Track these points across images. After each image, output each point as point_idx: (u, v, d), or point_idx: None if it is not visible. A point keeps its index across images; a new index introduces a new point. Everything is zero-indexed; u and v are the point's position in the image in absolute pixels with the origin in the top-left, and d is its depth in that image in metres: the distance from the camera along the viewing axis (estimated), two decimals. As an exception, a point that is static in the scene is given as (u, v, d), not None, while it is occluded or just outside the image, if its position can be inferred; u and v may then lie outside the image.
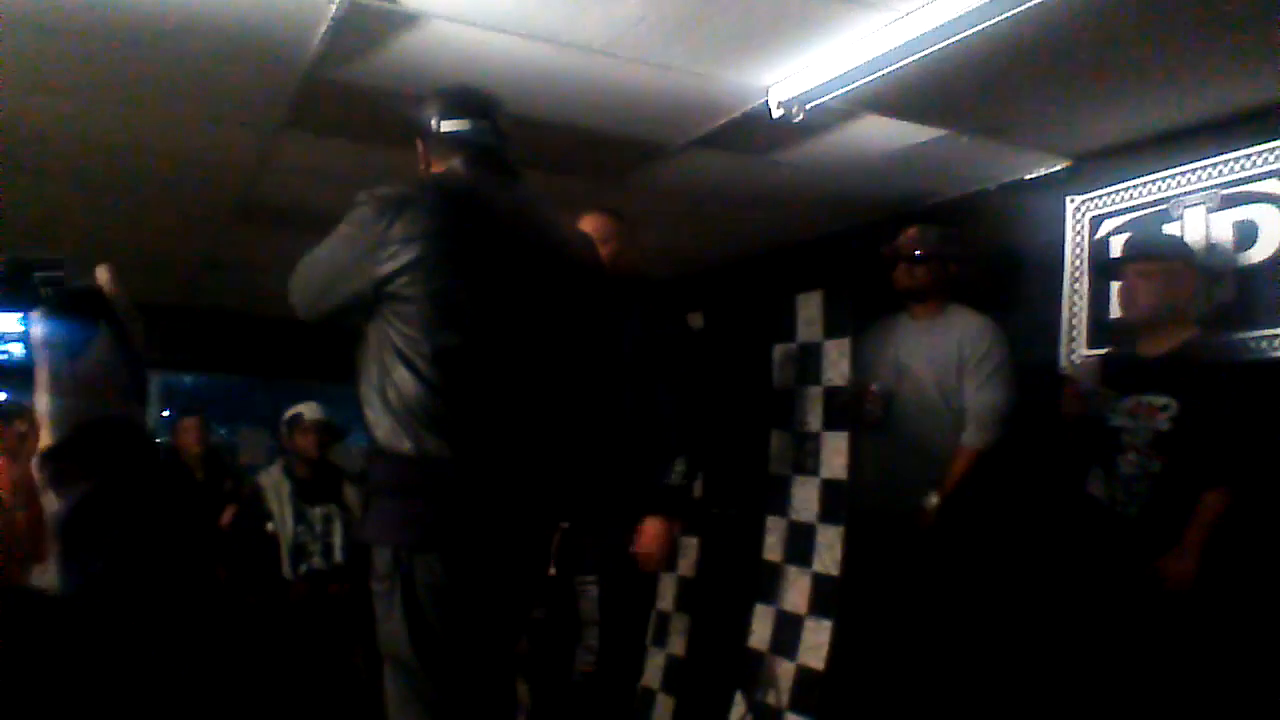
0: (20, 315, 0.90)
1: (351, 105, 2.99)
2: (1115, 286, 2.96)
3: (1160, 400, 2.60)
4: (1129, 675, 2.55)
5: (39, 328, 0.89)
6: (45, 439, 0.89)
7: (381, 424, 1.95)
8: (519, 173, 2.21)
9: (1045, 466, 3.04)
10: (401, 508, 1.96)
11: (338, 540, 4.13)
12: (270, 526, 4.09)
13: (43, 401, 0.89)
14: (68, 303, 0.91)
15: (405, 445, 1.92)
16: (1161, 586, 2.51)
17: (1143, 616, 2.54)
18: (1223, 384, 2.55)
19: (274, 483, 4.15)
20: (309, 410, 4.30)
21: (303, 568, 4.05)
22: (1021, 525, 3.09)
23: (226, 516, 4.35)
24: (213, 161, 3.52)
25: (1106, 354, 2.89)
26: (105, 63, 2.72)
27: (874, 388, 3.31)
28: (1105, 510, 2.68)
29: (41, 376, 0.89)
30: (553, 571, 2.77)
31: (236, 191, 3.86)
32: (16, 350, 0.91)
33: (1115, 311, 3.08)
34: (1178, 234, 2.91)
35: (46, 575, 0.94)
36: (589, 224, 2.94)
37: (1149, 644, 2.53)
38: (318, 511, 4.14)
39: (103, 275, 0.91)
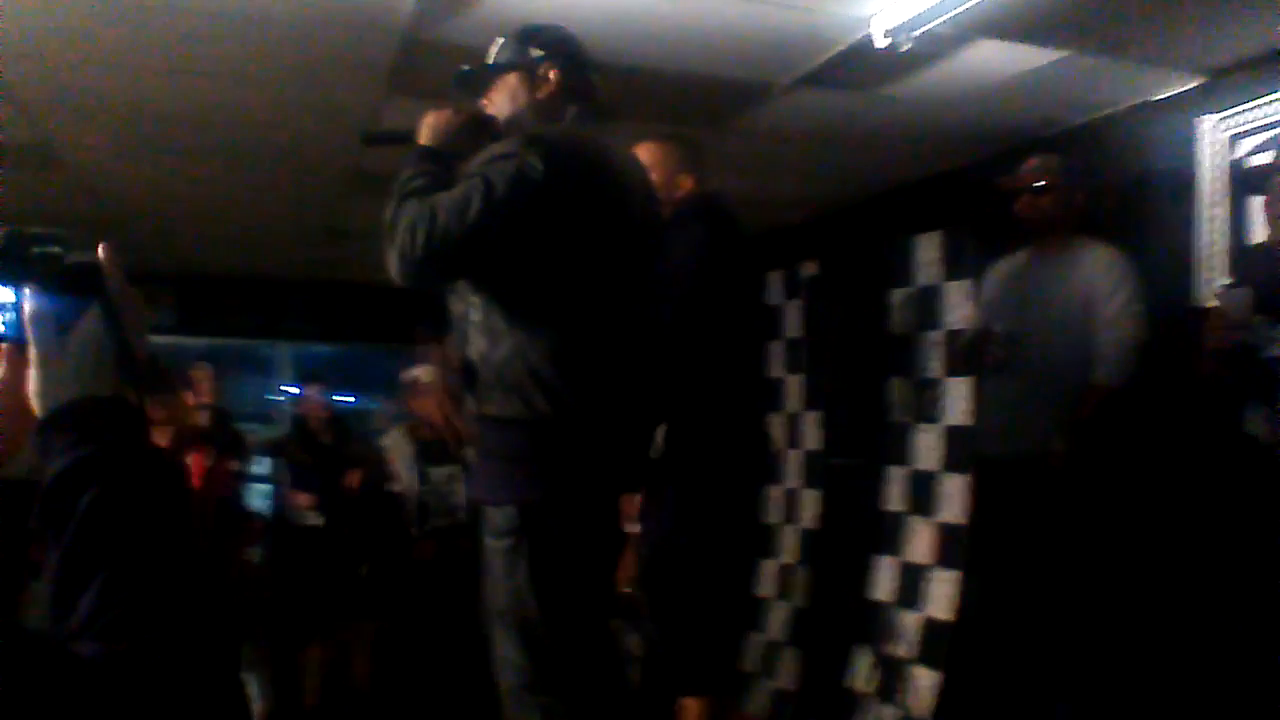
0: (14, 288, 0.92)
1: (449, 66, 2.99)
2: (1259, 203, 2.75)
3: None
4: None
5: (31, 301, 0.91)
6: (35, 414, 0.91)
7: (495, 388, 1.97)
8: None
9: (1188, 404, 2.84)
10: (523, 468, 1.98)
11: (459, 500, 4.22)
12: (395, 487, 4.21)
13: (32, 377, 0.90)
14: (62, 277, 0.92)
15: (517, 408, 1.95)
16: None
17: None
18: None
19: (397, 445, 4.26)
20: (426, 374, 4.39)
21: (427, 526, 4.16)
22: (1162, 467, 2.91)
23: (354, 479, 4.49)
24: (324, 132, 3.58)
25: (1260, 280, 2.58)
26: (207, 39, 2.79)
27: (998, 330, 3.16)
28: (1266, 451, 2.45)
29: (31, 352, 0.90)
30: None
31: (350, 160, 3.93)
32: (6, 322, 0.93)
33: (1259, 235, 2.87)
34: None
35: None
36: (644, 153, 2.75)
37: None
38: (440, 471, 4.24)
39: (103, 252, 0.92)
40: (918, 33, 2.60)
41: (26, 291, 0.89)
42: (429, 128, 2.07)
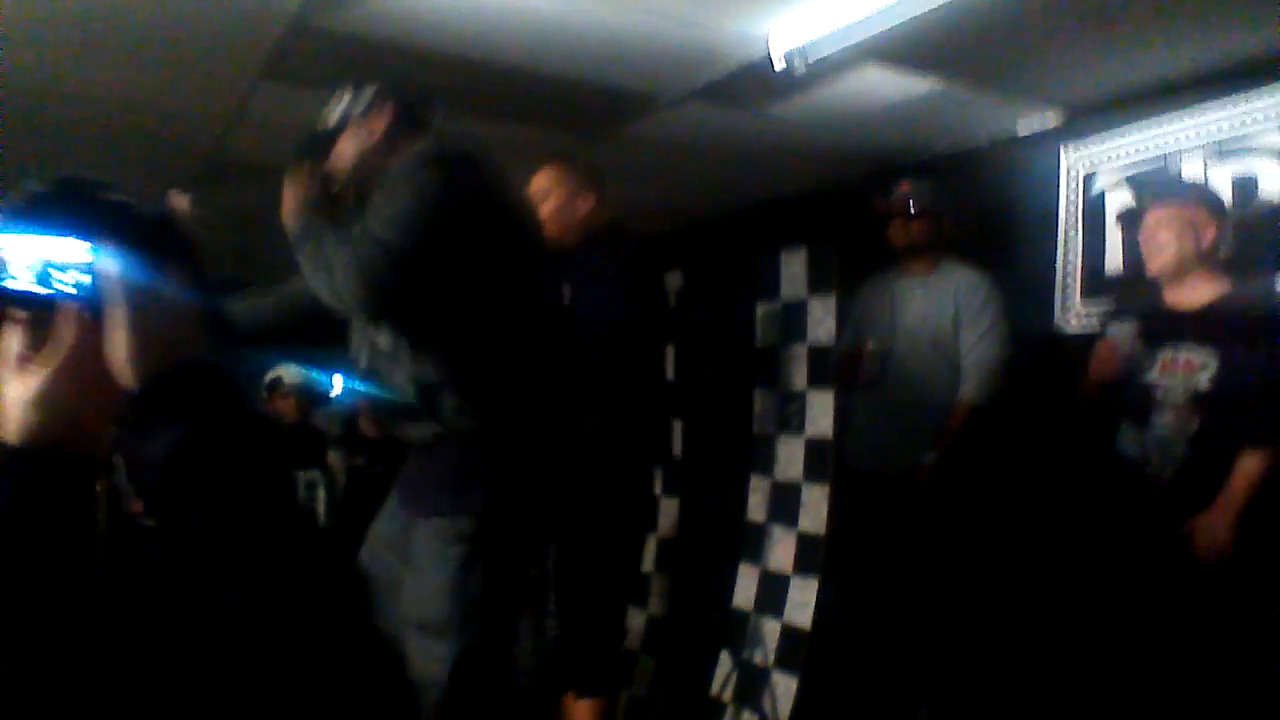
0: (88, 242, 0.78)
1: (332, 54, 2.87)
2: (1116, 239, 2.94)
3: (1200, 357, 2.51)
4: (1149, 644, 2.48)
5: (109, 258, 0.78)
6: (123, 384, 0.79)
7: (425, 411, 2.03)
8: None
9: (1056, 422, 2.99)
10: (471, 481, 2.03)
11: (321, 506, 4.05)
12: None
13: (119, 342, 0.79)
14: (138, 228, 0.79)
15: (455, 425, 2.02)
16: (1194, 552, 2.42)
17: (1173, 583, 2.47)
18: (1265, 339, 2.42)
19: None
20: (288, 374, 4.20)
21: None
22: (1026, 484, 3.07)
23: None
24: (183, 114, 3.37)
25: (1139, 310, 2.73)
26: (74, 10, 2.58)
27: (870, 346, 3.27)
28: (1137, 471, 2.59)
29: (116, 314, 0.78)
30: None
31: (208, 148, 3.71)
32: (84, 282, 0.79)
33: (1114, 262, 3.07)
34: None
35: None
36: (544, 176, 3.04)
37: (1177, 612, 2.45)
38: (300, 476, 4.05)
39: (179, 201, 0.81)
40: (814, 59, 2.65)
41: (103, 245, 0.76)
42: (289, 214, 2.10)
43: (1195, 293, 2.59)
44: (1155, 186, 2.86)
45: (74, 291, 0.78)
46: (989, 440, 3.08)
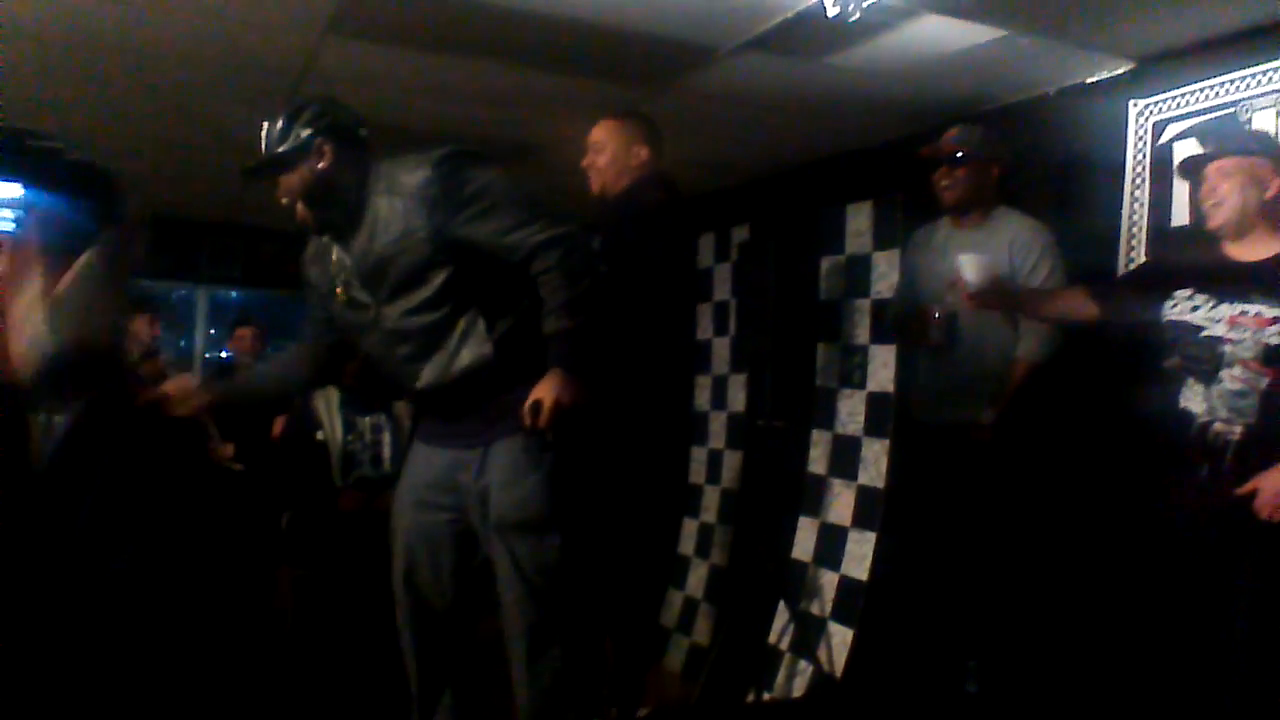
0: (21, 185, 0.82)
1: (394, 11, 2.93)
2: (1183, 190, 2.84)
3: (1272, 311, 2.41)
4: (1213, 604, 2.43)
5: (38, 204, 0.82)
6: (24, 353, 0.82)
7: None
8: None
9: (1117, 379, 2.92)
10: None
11: (387, 450, 4.16)
12: (320, 435, 4.12)
13: (30, 298, 0.82)
14: (65, 174, 0.83)
15: None
16: (1259, 510, 2.34)
17: (1238, 542, 2.40)
18: None
19: (323, 392, 4.17)
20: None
21: (352, 476, 4.10)
22: (1089, 439, 3.01)
23: (277, 427, 4.40)
24: (253, 68, 3.47)
25: (1196, 258, 2.66)
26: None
27: (939, 312, 3.20)
28: (1203, 428, 2.50)
29: (32, 263, 0.81)
30: None
31: (278, 101, 3.81)
32: (19, 218, 0.83)
33: (1179, 218, 2.98)
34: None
35: None
36: (602, 129, 3.17)
37: (1242, 571, 2.39)
38: (367, 421, 4.17)
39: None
40: (867, 3, 2.63)
41: (33, 190, 0.81)
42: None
43: (1260, 246, 2.50)
44: (1218, 137, 2.75)
45: (10, 229, 0.82)
46: (1050, 397, 3.03)
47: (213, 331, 6.98)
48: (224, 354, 6.50)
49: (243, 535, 4.11)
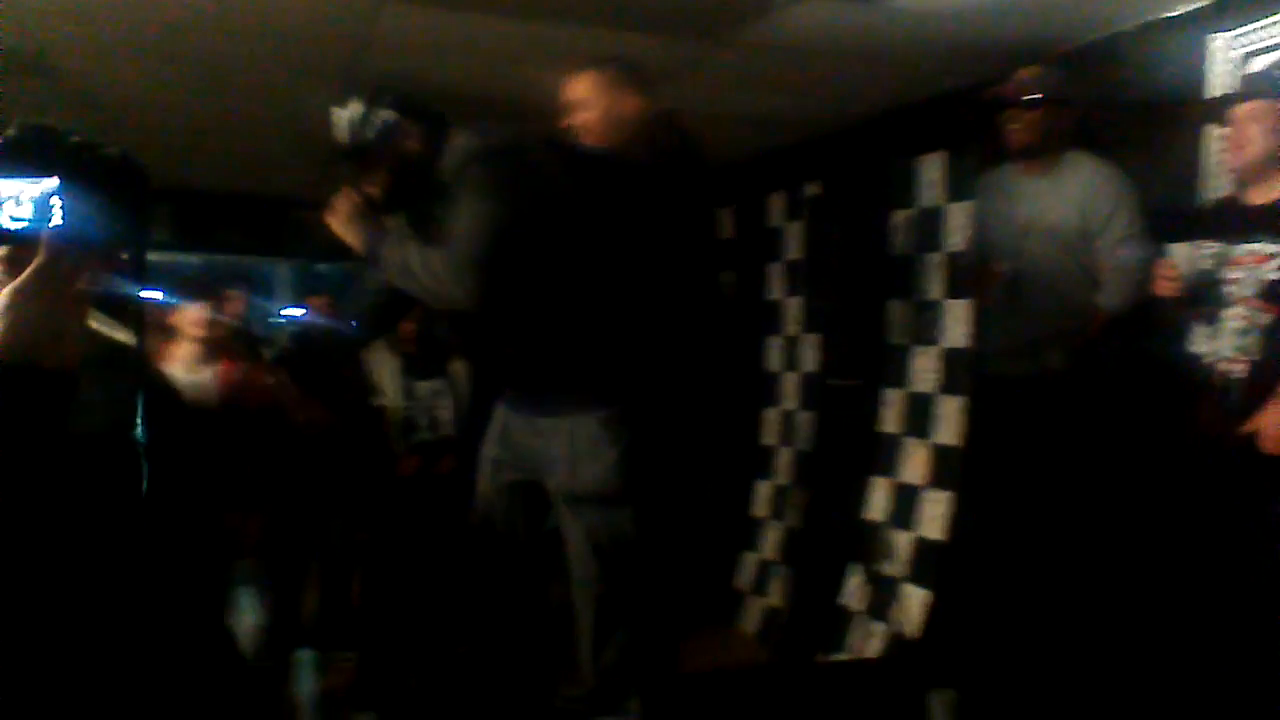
0: (56, 182, 0.83)
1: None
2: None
3: (1269, 249, 2.40)
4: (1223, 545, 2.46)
5: (65, 202, 0.83)
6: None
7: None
8: None
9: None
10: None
11: (445, 415, 4.19)
12: (379, 401, 4.16)
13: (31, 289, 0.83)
14: (109, 176, 0.84)
15: None
16: (1264, 446, 2.32)
17: (1244, 481, 2.38)
18: None
19: (381, 359, 4.19)
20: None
21: (412, 441, 4.13)
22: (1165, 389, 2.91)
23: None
24: (313, 36, 3.49)
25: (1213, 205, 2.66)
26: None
27: (1000, 269, 3.10)
28: (1210, 369, 2.51)
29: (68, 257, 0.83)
30: None
31: (338, 69, 3.83)
32: (54, 216, 0.84)
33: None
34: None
35: None
36: (581, 83, 2.80)
37: (1247, 512, 2.39)
38: (424, 386, 4.19)
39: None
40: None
41: (64, 188, 0.81)
42: (349, 232, 2.56)
43: (1271, 190, 2.46)
44: (1252, 80, 2.63)
45: (46, 225, 0.83)
46: (1127, 346, 2.92)
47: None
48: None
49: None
